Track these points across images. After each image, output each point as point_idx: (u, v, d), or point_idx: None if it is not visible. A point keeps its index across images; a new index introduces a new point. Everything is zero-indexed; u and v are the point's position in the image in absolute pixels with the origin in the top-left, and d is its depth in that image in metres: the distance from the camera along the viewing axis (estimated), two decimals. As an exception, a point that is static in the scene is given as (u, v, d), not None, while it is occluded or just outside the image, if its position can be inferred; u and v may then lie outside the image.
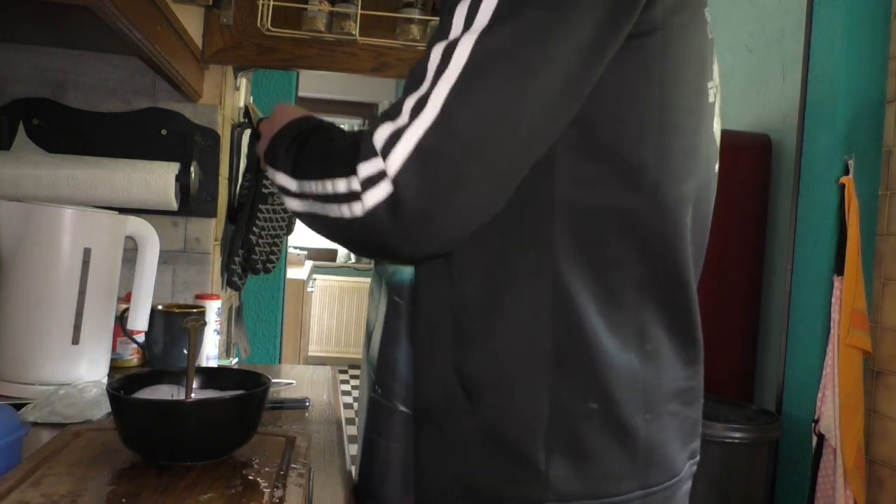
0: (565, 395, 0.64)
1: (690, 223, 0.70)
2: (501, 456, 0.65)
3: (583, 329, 0.64)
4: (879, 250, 2.20)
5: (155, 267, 1.19)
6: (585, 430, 0.64)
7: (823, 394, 2.11)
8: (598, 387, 0.64)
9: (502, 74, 0.57)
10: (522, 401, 0.64)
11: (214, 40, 1.43)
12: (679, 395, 0.72)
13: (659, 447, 0.68)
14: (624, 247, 0.65)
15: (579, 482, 0.64)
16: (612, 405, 0.65)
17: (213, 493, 0.66)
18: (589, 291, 0.64)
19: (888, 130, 2.19)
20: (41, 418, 0.92)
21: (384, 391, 0.73)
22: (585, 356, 0.64)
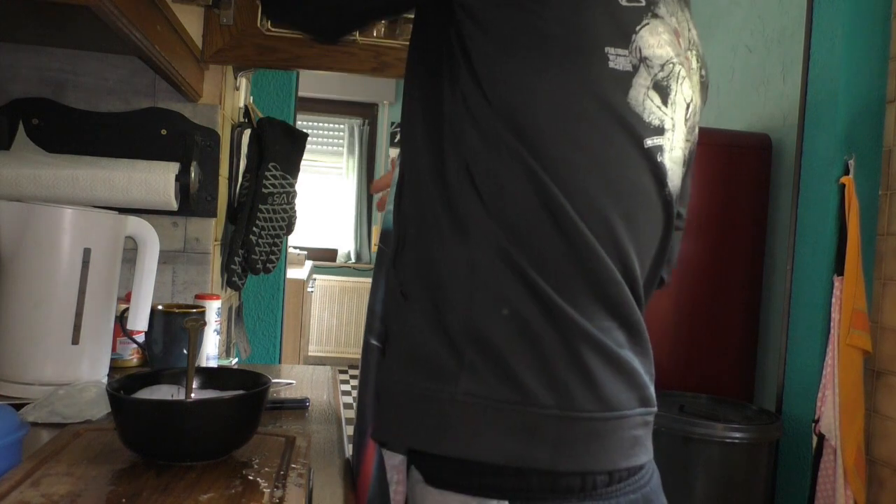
0: (480, 299, 0.69)
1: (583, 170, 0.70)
2: (421, 354, 0.71)
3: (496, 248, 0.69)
4: (879, 250, 2.20)
5: (155, 267, 1.19)
6: (496, 332, 0.68)
7: (823, 394, 2.11)
8: (511, 297, 0.69)
9: None
10: (442, 303, 0.71)
11: (214, 40, 1.43)
12: (611, 335, 0.71)
13: (582, 372, 0.68)
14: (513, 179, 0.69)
15: (489, 380, 0.68)
16: (524, 316, 0.68)
17: (213, 493, 0.66)
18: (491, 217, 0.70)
19: (888, 130, 2.19)
20: (41, 418, 0.92)
21: (368, 330, 0.80)
22: (499, 269, 0.69)
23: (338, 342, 5.81)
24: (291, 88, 2.40)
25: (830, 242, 2.18)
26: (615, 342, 0.72)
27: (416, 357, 0.72)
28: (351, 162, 5.76)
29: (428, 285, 0.72)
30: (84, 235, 1.06)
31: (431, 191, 0.73)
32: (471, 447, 0.67)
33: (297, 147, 1.70)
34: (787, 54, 2.58)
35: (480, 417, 0.67)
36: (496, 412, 0.67)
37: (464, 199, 0.71)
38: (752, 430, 2.09)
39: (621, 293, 0.72)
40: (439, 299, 0.71)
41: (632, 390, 0.72)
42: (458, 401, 0.68)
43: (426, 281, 0.72)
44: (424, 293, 0.72)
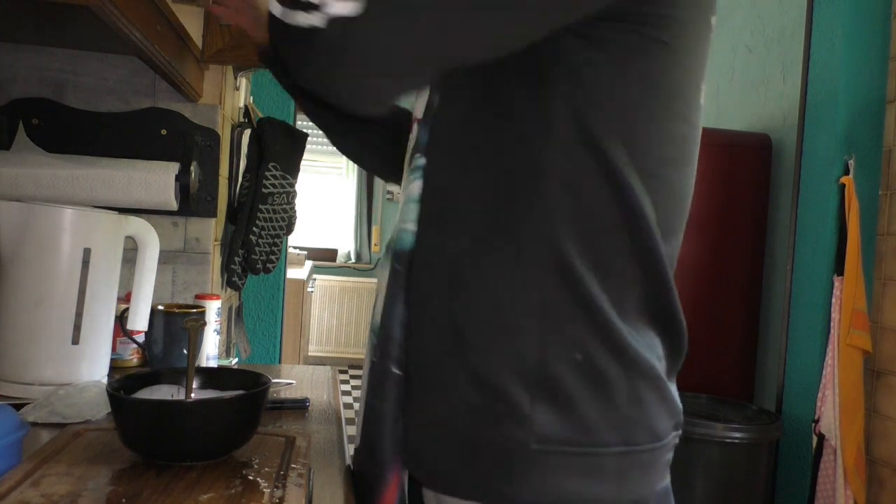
0: (553, 343, 0.67)
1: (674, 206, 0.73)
2: (485, 398, 0.68)
3: (576, 286, 0.67)
4: (879, 250, 2.20)
5: (155, 267, 1.19)
6: (569, 378, 0.67)
7: (823, 394, 2.11)
8: (585, 340, 0.67)
9: None
10: (511, 347, 0.67)
11: (214, 40, 1.43)
12: (662, 366, 0.73)
13: (642, 408, 0.70)
14: (612, 217, 0.68)
15: (560, 427, 0.67)
16: (595, 359, 0.68)
17: (213, 493, 0.66)
18: (580, 253, 0.67)
19: (888, 130, 2.19)
20: (41, 418, 0.92)
21: (382, 354, 0.75)
22: (576, 311, 0.67)
23: (338, 342, 5.81)
24: (291, 88, 2.40)
25: (830, 242, 2.18)
26: (665, 371, 0.74)
27: (478, 401, 0.68)
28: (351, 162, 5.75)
29: (493, 328, 0.68)
30: (84, 235, 1.06)
31: (494, 221, 0.68)
32: (540, 493, 0.67)
33: (297, 147, 1.70)
34: (787, 54, 2.58)
35: (550, 462, 0.67)
36: (565, 456, 0.67)
37: (540, 233, 0.67)
38: (752, 430, 2.09)
39: (679, 321, 0.74)
40: (506, 342, 0.68)
41: (671, 418, 0.74)
42: (531, 448, 0.66)
43: (491, 323, 0.68)
44: (488, 335, 0.68)
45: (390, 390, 0.73)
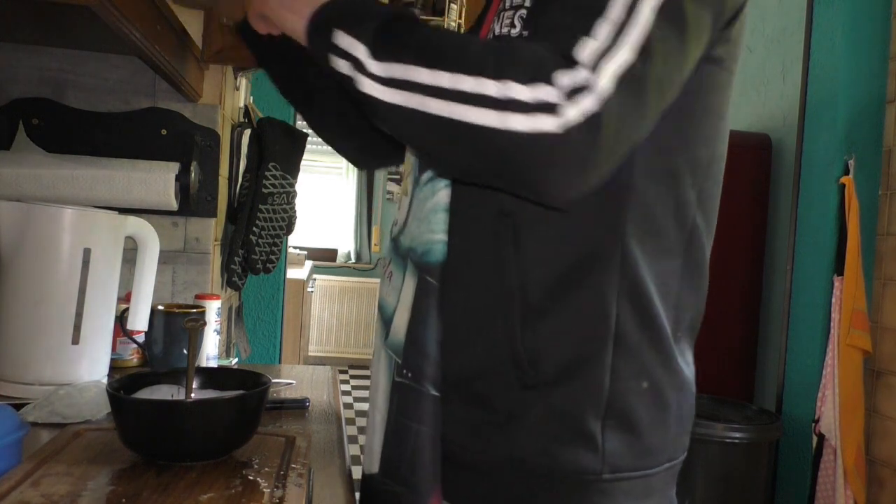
0: (624, 373, 0.67)
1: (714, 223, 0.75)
2: (561, 429, 0.67)
3: (646, 311, 0.67)
4: (879, 250, 2.20)
5: (155, 267, 1.19)
6: (637, 406, 0.67)
7: (823, 394, 2.11)
8: (651, 367, 0.68)
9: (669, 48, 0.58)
10: (587, 377, 0.66)
11: (214, 40, 1.43)
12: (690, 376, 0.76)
13: (681, 424, 0.73)
14: (675, 238, 0.69)
15: (629, 455, 0.67)
16: (659, 384, 0.69)
17: (213, 493, 0.66)
18: (650, 277, 0.67)
19: (888, 130, 2.19)
20: (41, 418, 0.92)
21: (414, 374, 0.71)
22: (645, 337, 0.68)
23: (338, 342, 5.81)
24: (291, 88, 2.40)
25: (830, 242, 2.18)
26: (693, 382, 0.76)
27: (555, 433, 0.66)
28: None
29: (570, 359, 0.66)
30: (84, 235, 1.06)
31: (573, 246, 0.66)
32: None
33: (297, 147, 1.70)
34: (787, 54, 2.58)
35: (618, 490, 0.67)
36: (629, 481, 0.68)
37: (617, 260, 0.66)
38: (752, 430, 2.09)
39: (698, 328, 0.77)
40: (583, 373, 0.66)
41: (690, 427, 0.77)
42: (603, 478, 0.66)
43: (569, 355, 0.66)
44: (566, 366, 0.66)
45: (427, 412, 0.70)
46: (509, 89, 0.54)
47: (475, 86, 0.55)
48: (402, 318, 0.73)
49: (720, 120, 0.71)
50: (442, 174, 0.70)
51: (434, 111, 0.57)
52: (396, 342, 0.73)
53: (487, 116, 0.54)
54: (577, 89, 0.53)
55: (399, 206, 0.81)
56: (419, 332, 0.71)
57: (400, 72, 0.58)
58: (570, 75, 0.54)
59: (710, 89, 0.68)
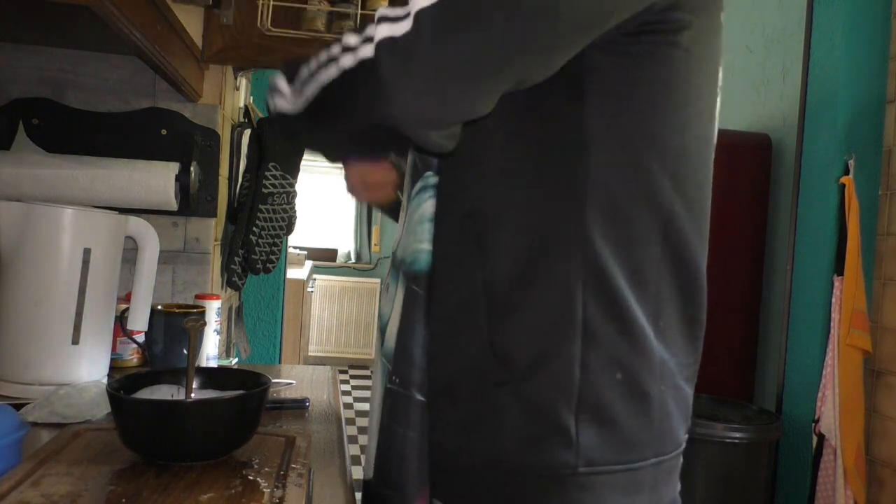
0: (594, 364, 0.67)
1: (703, 202, 0.74)
2: (535, 425, 0.67)
3: (614, 301, 0.67)
4: (879, 250, 2.20)
5: (155, 267, 1.19)
6: (611, 398, 0.67)
7: (823, 394, 2.11)
8: (624, 357, 0.67)
9: None
10: (557, 370, 0.66)
11: (214, 40, 1.43)
12: (682, 370, 0.74)
13: (669, 417, 0.71)
14: (648, 225, 0.68)
15: (605, 448, 0.67)
16: (634, 375, 0.68)
17: (213, 493, 0.66)
18: (618, 266, 0.67)
19: (888, 130, 2.19)
20: (41, 418, 0.92)
21: (401, 380, 0.73)
22: (614, 328, 0.67)
23: (338, 342, 5.81)
24: (291, 88, 2.40)
25: (830, 242, 2.18)
26: (686, 379, 0.75)
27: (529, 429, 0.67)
28: (351, 162, 5.75)
29: (539, 352, 0.67)
30: (84, 235, 1.06)
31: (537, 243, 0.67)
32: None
33: (297, 147, 1.69)
34: (787, 54, 2.58)
35: (597, 483, 0.67)
36: (611, 475, 0.67)
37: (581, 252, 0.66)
38: (752, 430, 2.09)
39: (702, 324, 0.75)
40: (552, 366, 0.66)
41: (685, 422, 0.76)
42: (579, 471, 0.66)
43: (537, 348, 0.67)
44: (535, 360, 0.67)
45: (414, 418, 0.72)
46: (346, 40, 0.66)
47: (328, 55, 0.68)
48: (394, 326, 0.75)
49: (690, 107, 0.70)
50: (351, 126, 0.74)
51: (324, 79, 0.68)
52: (389, 350, 0.76)
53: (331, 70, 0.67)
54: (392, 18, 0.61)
55: (399, 221, 0.84)
56: (406, 339, 0.73)
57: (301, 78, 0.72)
58: (395, 10, 0.61)
59: (674, 77, 0.68)
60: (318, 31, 1.42)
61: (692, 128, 0.70)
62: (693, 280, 0.73)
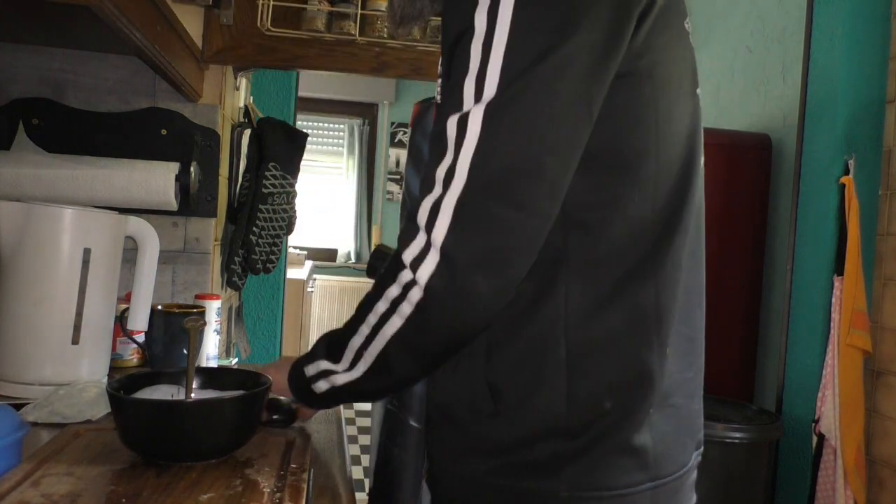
0: (581, 396, 0.67)
1: (690, 219, 0.73)
2: (521, 455, 0.68)
3: (596, 336, 0.68)
4: (879, 250, 2.20)
5: (155, 267, 1.19)
6: (600, 428, 0.67)
7: (823, 394, 2.11)
8: (611, 386, 0.68)
9: (518, 133, 0.61)
10: (542, 404, 0.68)
11: (214, 40, 1.43)
12: (680, 387, 0.74)
13: (665, 440, 0.71)
14: (631, 255, 0.68)
15: (591, 476, 0.67)
16: (623, 403, 0.68)
17: (213, 493, 0.66)
18: (600, 299, 0.68)
19: (888, 130, 2.19)
20: (41, 418, 0.91)
21: (400, 405, 0.78)
22: (598, 360, 0.68)
23: (338, 342, 5.80)
24: (291, 88, 2.40)
25: (830, 242, 2.18)
26: (688, 395, 0.76)
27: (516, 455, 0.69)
28: (351, 162, 5.76)
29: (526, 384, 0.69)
30: (84, 235, 1.06)
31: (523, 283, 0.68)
32: None
33: (297, 147, 1.70)
34: (787, 54, 2.58)
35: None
36: (599, 500, 0.68)
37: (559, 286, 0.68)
38: (752, 430, 2.09)
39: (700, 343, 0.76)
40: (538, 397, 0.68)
41: (693, 439, 0.77)
42: (561, 496, 0.67)
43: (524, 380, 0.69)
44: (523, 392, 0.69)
45: (410, 441, 0.77)
46: (388, 293, 0.66)
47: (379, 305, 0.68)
48: None
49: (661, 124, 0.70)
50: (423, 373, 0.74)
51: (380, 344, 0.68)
52: None
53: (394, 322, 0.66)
54: (417, 257, 0.63)
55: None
56: None
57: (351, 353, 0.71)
58: (412, 247, 0.64)
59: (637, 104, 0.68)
60: (318, 31, 1.42)
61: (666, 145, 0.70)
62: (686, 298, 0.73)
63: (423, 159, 0.75)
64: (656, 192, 0.69)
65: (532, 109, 0.61)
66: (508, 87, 0.61)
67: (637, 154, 0.68)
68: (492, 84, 0.61)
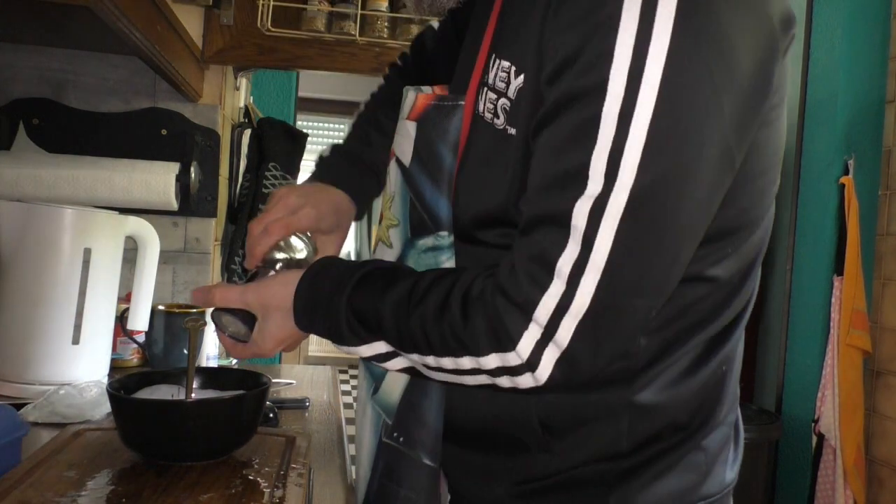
0: (641, 432, 0.64)
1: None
2: (578, 491, 0.65)
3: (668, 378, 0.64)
4: (879, 250, 2.20)
5: (155, 267, 1.19)
6: (659, 460, 0.65)
7: (823, 394, 2.11)
8: (671, 421, 0.65)
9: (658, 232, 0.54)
10: (601, 441, 0.64)
11: (214, 40, 1.43)
12: (730, 404, 0.73)
13: (716, 460, 0.70)
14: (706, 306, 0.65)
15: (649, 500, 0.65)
16: (683, 435, 0.66)
17: (213, 493, 0.66)
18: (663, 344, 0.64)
19: (888, 130, 2.19)
20: (41, 418, 0.92)
21: (406, 439, 0.70)
22: (661, 396, 0.64)
23: (338, 342, 5.80)
24: (291, 88, 2.40)
25: (830, 242, 2.18)
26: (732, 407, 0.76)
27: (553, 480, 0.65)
28: (351, 162, 5.76)
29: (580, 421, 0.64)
30: (84, 235, 1.06)
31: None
32: None
33: (297, 147, 1.70)
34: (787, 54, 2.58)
35: None
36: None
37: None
38: (752, 430, 2.09)
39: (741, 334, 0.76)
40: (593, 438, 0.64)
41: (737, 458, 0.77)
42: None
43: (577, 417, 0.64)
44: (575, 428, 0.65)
45: (422, 483, 0.69)
46: (481, 363, 0.58)
47: (454, 364, 0.60)
48: (398, 381, 0.71)
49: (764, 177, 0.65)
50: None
51: (441, 380, 0.63)
52: (387, 402, 0.72)
53: (479, 379, 0.60)
54: (537, 349, 0.56)
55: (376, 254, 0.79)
56: (418, 399, 0.70)
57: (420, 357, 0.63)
58: (528, 336, 0.56)
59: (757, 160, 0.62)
60: (318, 31, 1.42)
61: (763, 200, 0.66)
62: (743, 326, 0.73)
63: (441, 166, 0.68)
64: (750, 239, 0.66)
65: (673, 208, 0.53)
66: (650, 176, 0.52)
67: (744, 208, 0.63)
68: (630, 166, 0.51)
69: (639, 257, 0.54)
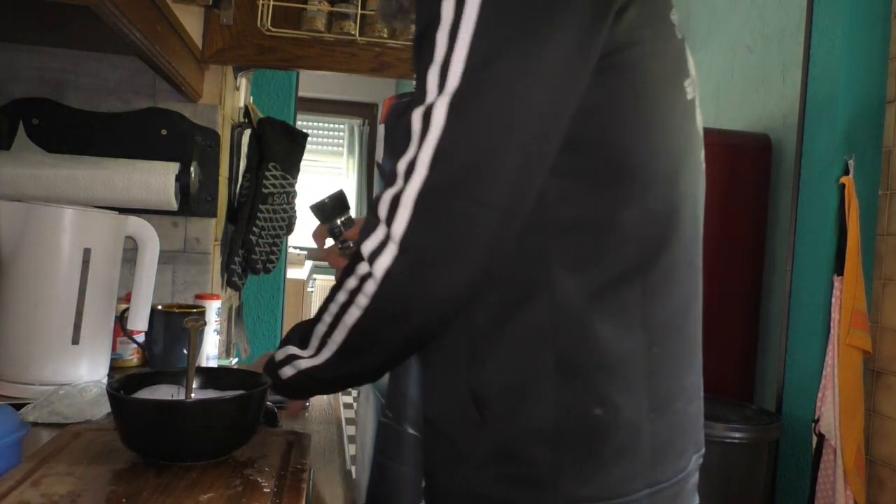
0: (570, 403, 0.65)
1: (684, 219, 0.72)
2: (512, 466, 0.66)
3: (585, 339, 0.65)
4: (879, 250, 2.20)
5: (155, 267, 1.19)
6: (591, 435, 0.65)
7: (823, 394, 2.11)
8: (602, 393, 0.65)
9: (481, 127, 0.60)
10: (529, 412, 0.66)
11: (214, 40, 1.43)
12: (681, 392, 0.72)
13: (664, 445, 0.69)
14: (620, 254, 0.66)
15: (586, 486, 0.65)
16: (616, 410, 0.66)
17: (213, 493, 0.66)
18: (589, 301, 0.65)
19: (888, 130, 2.19)
20: (41, 418, 0.92)
21: (395, 415, 0.75)
22: (587, 365, 0.65)
23: (338, 342, 5.79)
24: (291, 88, 2.40)
25: (830, 242, 2.18)
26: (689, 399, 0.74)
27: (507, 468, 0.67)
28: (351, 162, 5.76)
29: (513, 395, 0.66)
30: (84, 235, 1.06)
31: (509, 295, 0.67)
32: None
33: (297, 147, 1.70)
34: (787, 54, 2.58)
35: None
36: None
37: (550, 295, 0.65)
38: (752, 430, 2.09)
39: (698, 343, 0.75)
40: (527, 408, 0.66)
41: (694, 444, 0.75)
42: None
43: (511, 391, 0.67)
44: (510, 403, 0.67)
45: (408, 452, 0.73)
46: (347, 285, 0.66)
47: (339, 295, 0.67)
48: None
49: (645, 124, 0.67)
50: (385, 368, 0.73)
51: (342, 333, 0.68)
52: (382, 384, 0.77)
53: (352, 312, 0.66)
54: (375, 250, 0.63)
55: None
56: (400, 375, 0.75)
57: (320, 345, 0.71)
58: (371, 239, 0.63)
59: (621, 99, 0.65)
60: (318, 31, 1.42)
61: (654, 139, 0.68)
62: (683, 299, 0.72)
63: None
64: (646, 188, 0.67)
65: (497, 103, 0.59)
66: (473, 78, 0.59)
67: (624, 149, 0.66)
68: (455, 74, 0.59)
69: (461, 160, 0.60)
